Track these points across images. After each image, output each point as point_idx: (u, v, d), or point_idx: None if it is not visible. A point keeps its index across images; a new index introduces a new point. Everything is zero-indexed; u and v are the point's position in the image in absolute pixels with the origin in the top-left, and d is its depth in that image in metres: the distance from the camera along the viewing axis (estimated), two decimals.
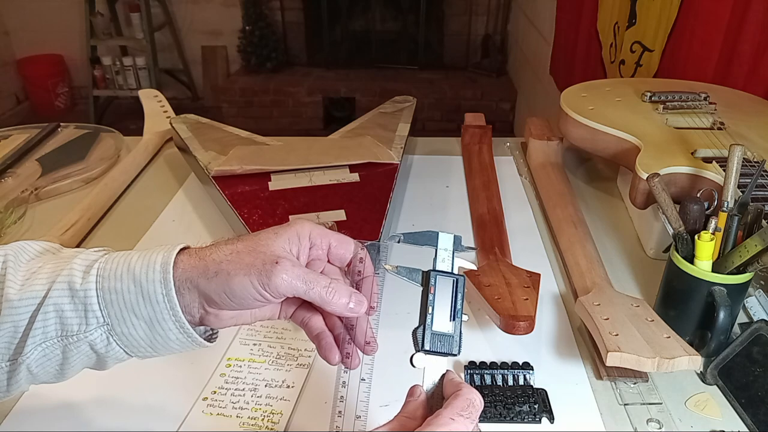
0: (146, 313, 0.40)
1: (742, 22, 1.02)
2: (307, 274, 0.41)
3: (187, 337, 0.42)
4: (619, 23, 1.60)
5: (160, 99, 1.19)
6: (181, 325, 0.41)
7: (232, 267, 0.40)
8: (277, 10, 3.63)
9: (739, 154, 0.60)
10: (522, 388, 0.56)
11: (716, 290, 0.57)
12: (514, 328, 0.58)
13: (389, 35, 3.72)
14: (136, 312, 0.40)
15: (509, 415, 0.54)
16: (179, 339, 0.42)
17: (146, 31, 3.44)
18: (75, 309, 0.40)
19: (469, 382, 0.57)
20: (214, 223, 0.84)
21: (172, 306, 0.40)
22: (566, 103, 0.90)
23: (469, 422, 0.36)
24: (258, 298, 0.40)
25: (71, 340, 0.41)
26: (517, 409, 0.54)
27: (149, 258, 0.41)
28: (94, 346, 0.41)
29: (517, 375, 0.58)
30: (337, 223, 0.71)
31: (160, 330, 0.41)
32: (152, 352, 0.42)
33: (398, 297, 0.70)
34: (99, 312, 0.40)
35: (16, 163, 0.97)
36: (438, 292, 0.43)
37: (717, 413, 0.55)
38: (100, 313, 0.40)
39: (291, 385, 0.58)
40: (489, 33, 3.64)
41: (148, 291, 0.40)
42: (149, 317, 0.40)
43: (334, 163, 0.86)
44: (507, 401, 0.55)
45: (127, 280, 0.40)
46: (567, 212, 0.82)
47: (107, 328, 0.41)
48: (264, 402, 0.56)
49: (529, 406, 0.55)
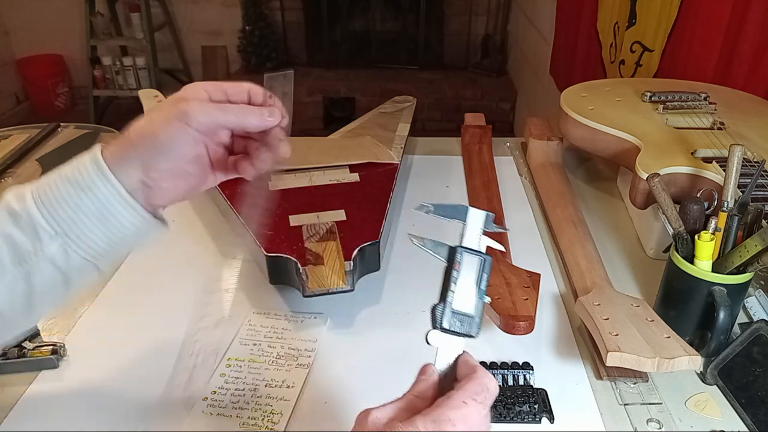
0: (92, 205, 0.41)
1: (742, 22, 1.02)
2: (218, 105, 0.43)
3: (139, 216, 0.42)
4: (619, 23, 1.60)
5: (160, 99, 1.18)
6: (129, 203, 0.42)
7: (152, 124, 0.42)
8: (277, 10, 3.63)
9: (739, 154, 0.60)
10: (522, 388, 0.56)
11: (716, 290, 0.57)
12: (514, 328, 0.58)
13: (389, 35, 3.72)
14: (83, 209, 0.41)
15: (509, 415, 0.54)
16: (132, 222, 0.42)
17: (146, 31, 3.43)
18: (22, 231, 0.41)
19: None
20: (214, 223, 0.84)
21: (113, 185, 0.41)
22: (566, 103, 0.90)
23: (481, 407, 0.34)
24: (186, 139, 0.42)
25: (30, 262, 0.41)
26: (517, 409, 0.54)
27: (76, 160, 0.43)
28: (54, 262, 0.41)
29: (517, 375, 0.58)
30: (337, 223, 0.71)
31: (111, 218, 0.41)
32: (111, 249, 0.43)
33: (399, 297, 0.71)
34: (46, 224, 0.41)
35: (16, 163, 0.96)
36: (463, 269, 0.41)
37: (717, 413, 0.55)
38: (47, 225, 0.41)
39: (291, 385, 0.58)
40: (489, 33, 3.64)
41: (87, 183, 0.41)
42: (96, 209, 0.41)
43: (334, 163, 0.86)
44: (507, 401, 0.55)
45: (62, 184, 0.41)
46: (567, 212, 0.82)
47: (62, 240, 0.41)
48: (264, 402, 0.56)
49: (529, 406, 0.54)
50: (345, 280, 0.63)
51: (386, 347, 0.63)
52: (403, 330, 0.66)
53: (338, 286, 0.63)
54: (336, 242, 0.68)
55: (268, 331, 0.65)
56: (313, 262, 0.65)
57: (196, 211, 0.88)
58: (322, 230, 0.71)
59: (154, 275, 0.75)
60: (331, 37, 3.67)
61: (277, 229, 0.71)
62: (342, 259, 0.65)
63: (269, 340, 0.63)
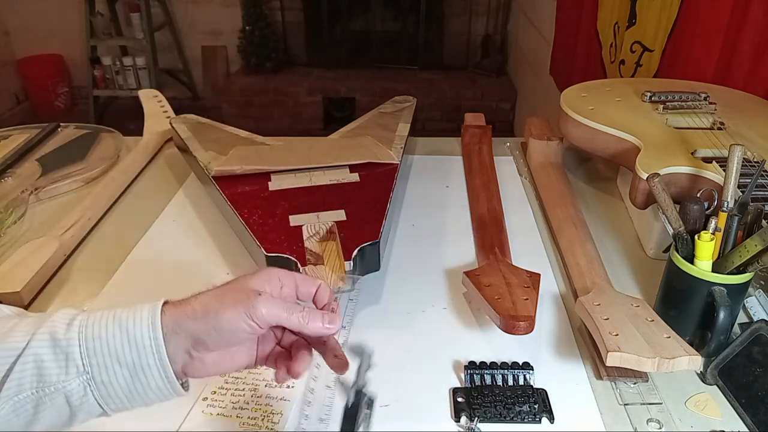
0: (130, 359, 0.41)
1: (742, 22, 1.02)
2: (286, 303, 0.44)
3: (168, 383, 0.42)
4: (619, 23, 1.60)
5: (160, 99, 1.19)
6: (166, 372, 0.41)
7: (219, 305, 0.42)
8: (277, 10, 3.62)
9: (739, 154, 0.60)
10: (522, 388, 0.56)
11: (716, 290, 0.57)
12: (514, 328, 0.58)
13: (389, 35, 3.72)
14: (120, 358, 0.41)
15: (509, 415, 0.54)
16: (159, 387, 0.42)
17: (146, 31, 3.43)
18: (56, 359, 0.40)
19: (469, 381, 0.57)
20: (214, 223, 0.84)
21: (158, 350, 0.41)
22: (566, 103, 0.90)
23: None
24: (246, 330, 0.42)
25: (47, 391, 0.40)
26: (517, 409, 0.54)
27: (134, 308, 0.42)
28: (69, 397, 0.40)
29: (517, 375, 0.58)
30: (337, 223, 0.71)
31: (143, 377, 0.41)
32: (126, 403, 0.42)
33: (399, 297, 0.71)
34: (80, 360, 0.40)
35: (16, 163, 0.96)
36: None
37: (717, 413, 0.55)
38: (81, 361, 0.40)
39: (291, 385, 0.58)
40: (489, 33, 3.64)
41: (135, 336, 0.41)
42: (133, 363, 0.41)
43: (334, 163, 0.86)
44: (507, 401, 0.55)
45: (113, 326, 0.41)
46: (567, 212, 0.82)
47: (86, 378, 0.40)
48: (264, 402, 0.56)
49: (529, 406, 0.54)
50: (345, 280, 0.63)
51: (386, 347, 0.63)
52: (403, 330, 0.66)
53: (338, 286, 0.63)
54: (336, 242, 0.68)
55: None
56: (313, 262, 0.65)
57: (196, 211, 0.88)
58: (322, 230, 0.71)
59: (154, 275, 0.75)
60: (331, 37, 3.67)
61: (277, 229, 0.71)
62: (342, 259, 0.65)
63: None
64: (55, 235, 0.77)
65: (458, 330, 0.65)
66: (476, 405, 0.55)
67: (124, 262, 0.76)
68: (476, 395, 0.56)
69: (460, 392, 0.56)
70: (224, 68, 3.70)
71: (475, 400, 0.55)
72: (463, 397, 0.56)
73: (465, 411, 0.54)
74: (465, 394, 0.56)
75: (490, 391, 0.56)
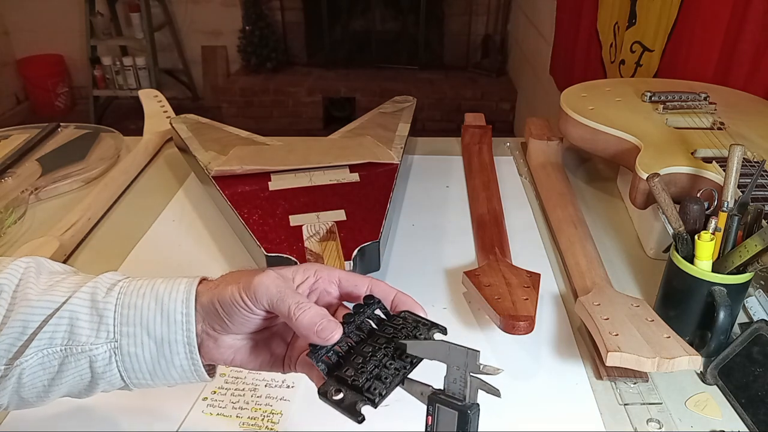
0: (160, 332, 0.41)
1: (742, 22, 1.02)
2: (286, 287, 0.40)
3: (192, 363, 0.42)
4: (619, 23, 1.60)
5: (160, 99, 1.19)
6: (191, 349, 0.41)
7: (230, 280, 0.42)
8: (277, 10, 3.63)
9: (739, 154, 0.60)
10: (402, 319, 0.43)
11: (716, 290, 0.57)
12: (514, 328, 0.58)
13: (389, 35, 3.72)
14: (150, 330, 0.41)
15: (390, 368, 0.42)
16: (183, 366, 0.42)
17: (146, 31, 3.43)
18: (90, 320, 0.41)
19: None
20: (214, 223, 0.84)
21: (188, 327, 0.41)
22: (566, 103, 0.90)
23: None
24: (240, 304, 0.40)
25: (74, 350, 0.40)
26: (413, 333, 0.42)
27: (173, 281, 0.43)
28: (93, 362, 0.41)
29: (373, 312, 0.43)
30: (337, 223, 0.71)
31: (168, 353, 0.41)
32: (149, 379, 0.42)
33: None
34: (112, 326, 0.41)
35: (16, 163, 0.96)
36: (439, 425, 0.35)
37: (717, 413, 0.55)
38: (112, 327, 0.41)
39: (291, 385, 0.58)
40: (489, 33, 3.64)
41: (168, 309, 0.41)
42: (161, 337, 0.41)
43: (334, 163, 0.86)
44: (399, 336, 0.42)
45: (149, 297, 0.41)
46: (567, 212, 0.82)
47: (114, 345, 0.41)
48: (264, 402, 0.56)
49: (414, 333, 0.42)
50: None
51: None
52: None
53: None
54: (336, 242, 0.68)
55: None
56: (314, 262, 0.65)
57: (196, 211, 0.88)
58: (322, 230, 0.71)
59: (154, 275, 0.74)
60: (331, 37, 3.67)
61: (277, 229, 0.71)
62: (342, 259, 0.65)
63: None
64: (55, 235, 0.77)
65: (458, 330, 0.65)
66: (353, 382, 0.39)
67: (124, 262, 0.76)
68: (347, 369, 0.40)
69: None
70: (224, 68, 3.70)
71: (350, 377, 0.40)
72: None
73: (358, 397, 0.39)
74: None
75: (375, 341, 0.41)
